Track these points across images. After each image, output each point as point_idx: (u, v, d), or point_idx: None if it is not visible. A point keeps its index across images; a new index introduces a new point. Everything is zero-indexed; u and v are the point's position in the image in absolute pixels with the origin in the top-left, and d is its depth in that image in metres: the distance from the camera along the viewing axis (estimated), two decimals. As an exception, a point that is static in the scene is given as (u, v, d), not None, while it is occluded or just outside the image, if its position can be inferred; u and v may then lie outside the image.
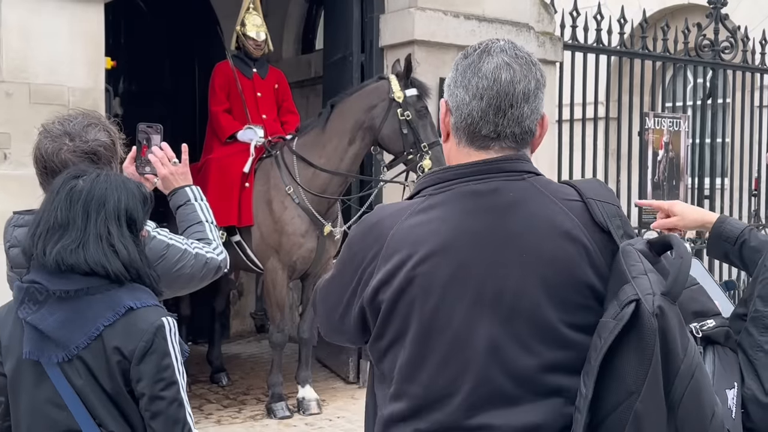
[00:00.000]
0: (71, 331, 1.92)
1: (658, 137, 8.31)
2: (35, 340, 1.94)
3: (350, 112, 5.45)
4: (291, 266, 5.60)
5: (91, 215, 1.97)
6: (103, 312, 1.93)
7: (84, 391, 1.93)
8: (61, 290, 1.93)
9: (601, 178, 8.14)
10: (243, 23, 6.17)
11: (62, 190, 1.99)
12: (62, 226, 1.95)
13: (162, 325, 1.95)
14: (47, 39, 4.79)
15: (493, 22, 6.58)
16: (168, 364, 1.95)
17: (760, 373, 1.63)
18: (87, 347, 1.92)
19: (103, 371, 1.93)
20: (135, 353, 1.92)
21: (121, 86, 8.16)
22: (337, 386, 6.47)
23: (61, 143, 2.26)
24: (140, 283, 2.01)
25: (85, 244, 1.94)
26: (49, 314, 1.93)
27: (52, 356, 1.93)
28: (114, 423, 1.95)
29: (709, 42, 8.71)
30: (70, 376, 1.93)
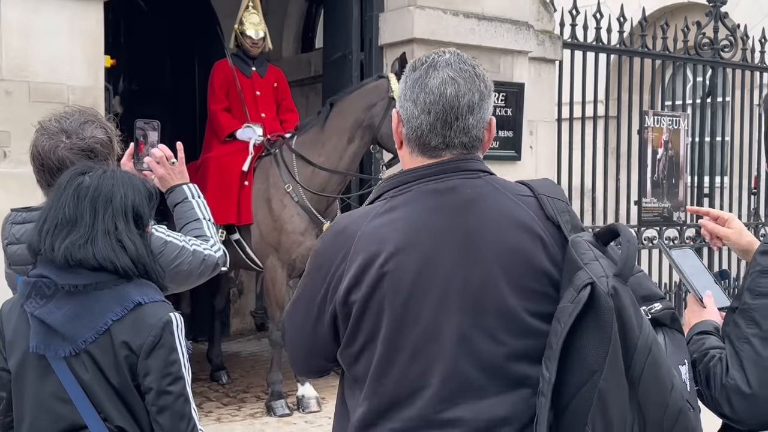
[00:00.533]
0: (79, 325, 1.93)
1: (658, 136, 8.32)
2: (42, 334, 1.95)
3: (350, 110, 5.46)
4: (290, 264, 5.61)
5: (99, 211, 1.98)
6: (111, 307, 1.94)
7: (90, 386, 1.95)
8: (70, 285, 1.94)
9: (601, 176, 8.16)
10: (242, 22, 6.17)
11: (69, 187, 2.00)
12: (70, 222, 1.97)
13: (170, 320, 1.98)
14: (47, 37, 4.80)
15: (493, 20, 6.59)
16: (175, 359, 1.97)
17: (744, 364, 1.66)
18: (94, 342, 1.94)
19: (110, 365, 1.94)
20: (143, 348, 1.94)
21: (121, 85, 8.17)
22: (336, 384, 6.44)
23: (58, 140, 2.27)
24: (147, 278, 2.03)
25: (94, 240, 1.96)
26: (56, 308, 1.94)
27: (59, 350, 1.94)
28: (120, 417, 1.96)
29: (708, 40, 8.72)
30: (76, 370, 1.95)
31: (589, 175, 8.20)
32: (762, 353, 1.65)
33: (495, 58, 6.65)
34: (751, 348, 1.66)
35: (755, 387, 1.65)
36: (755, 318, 1.68)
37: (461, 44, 6.42)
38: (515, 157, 6.78)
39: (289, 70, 8.09)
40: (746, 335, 1.67)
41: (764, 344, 1.65)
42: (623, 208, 8.36)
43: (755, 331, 1.67)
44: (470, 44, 6.47)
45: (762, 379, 1.65)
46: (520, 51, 6.77)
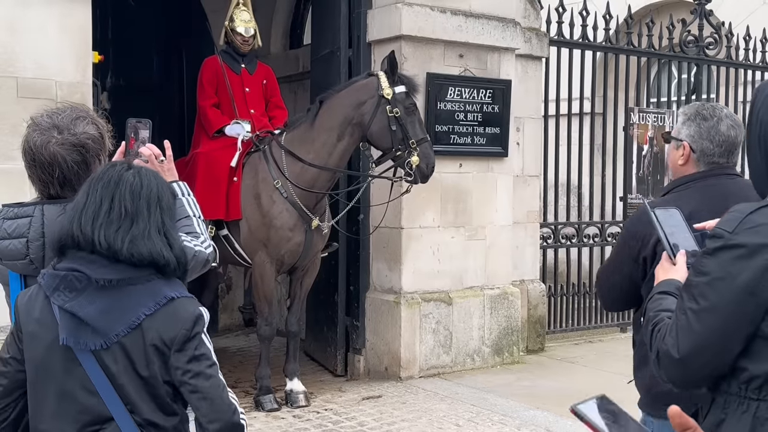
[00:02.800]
0: (112, 319, 1.96)
1: (643, 132, 8.39)
2: (72, 327, 1.97)
3: (339, 108, 5.48)
4: (279, 260, 5.63)
5: (152, 208, 2.04)
6: (144, 301, 1.97)
7: (119, 378, 1.97)
8: (104, 279, 1.96)
9: (586, 172, 8.22)
10: (232, 18, 6.18)
11: (122, 183, 2.03)
12: (129, 216, 2.01)
13: (200, 314, 2.02)
14: (35, 33, 4.81)
15: (480, 17, 6.63)
16: (206, 351, 2.00)
17: (678, 332, 1.78)
18: (126, 335, 1.96)
19: (140, 358, 1.97)
20: (176, 340, 1.96)
21: (109, 81, 8.15)
22: (324, 379, 6.52)
23: (50, 136, 2.28)
24: (184, 274, 2.07)
25: (149, 236, 2.00)
26: (88, 302, 1.96)
27: (89, 343, 1.96)
28: (149, 410, 1.98)
29: (693, 38, 8.79)
30: (105, 362, 1.97)
31: (576, 172, 8.27)
32: (695, 327, 1.76)
33: (482, 55, 6.70)
34: (686, 319, 1.78)
35: (684, 355, 1.77)
36: (694, 294, 1.78)
37: (449, 41, 6.48)
38: (502, 154, 6.83)
39: (277, 67, 8.09)
40: (685, 308, 1.79)
41: (698, 319, 1.76)
42: (609, 204, 8.43)
43: (692, 306, 1.77)
44: (457, 41, 6.52)
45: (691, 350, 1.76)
46: (507, 48, 6.81)
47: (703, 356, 1.76)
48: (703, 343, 1.75)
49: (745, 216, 1.75)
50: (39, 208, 2.31)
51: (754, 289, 1.70)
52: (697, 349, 1.76)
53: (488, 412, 5.52)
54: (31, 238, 2.28)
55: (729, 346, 1.74)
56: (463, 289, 6.67)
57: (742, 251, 1.72)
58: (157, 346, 1.96)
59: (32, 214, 2.30)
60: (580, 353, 7.42)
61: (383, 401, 5.80)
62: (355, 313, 6.61)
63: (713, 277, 1.75)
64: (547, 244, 7.91)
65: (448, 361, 6.53)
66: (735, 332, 1.72)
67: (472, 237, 6.71)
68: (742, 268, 1.71)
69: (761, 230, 1.72)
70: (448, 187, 6.55)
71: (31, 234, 2.28)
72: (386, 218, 6.02)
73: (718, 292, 1.74)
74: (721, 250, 1.75)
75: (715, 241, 1.78)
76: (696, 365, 1.77)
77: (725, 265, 1.74)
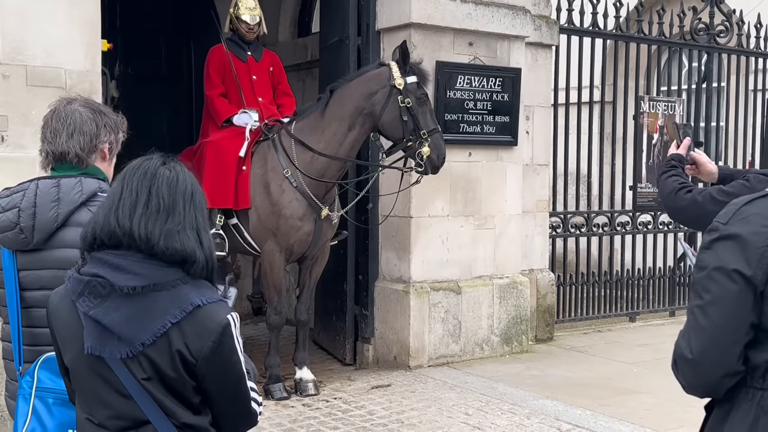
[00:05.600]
0: (137, 327, 1.90)
1: (653, 121, 8.34)
2: (97, 335, 1.93)
3: (350, 98, 5.45)
4: (288, 249, 5.61)
5: (186, 204, 2.00)
6: (169, 309, 1.91)
7: (147, 385, 1.93)
8: (128, 287, 1.91)
9: (596, 161, 8.19)
10: (237, 6, 6.14)
11: (158, 176, 2.00)
12: (167, 210, 1.97)
13: (228, 323, 1.95)
14: (44, 21, 4.78)
15: (490, 5, 6.58)
16: (235, 360, 1.96)
17: (690, 333, 1.79)
18: (152, 344, 1.91)
19: (167, 364, 1.92)
20: (203, 352, 1.91)
21: (117, 69, 8.14)
22: (333, 368, 6.52)
23: (75, 101, 2.49)
24: (212, 274, 2.02)
25: (182, 231, 1.97)
26: (113, 309, 1.91)
27: (115, 352, 1.91)
28: (179, 412, 1.96)
29: (704, 26, 8.73)
30: (132, 370, 1.93)
31: (585, 160, 8.24)
32: (702, 323, 1.76)
33: (492, 43, 6.66)
34: (693, 318, 1.78)
35: (696, 354, 1.76)
36: (697, 290, 1.80)
37: (458, 29, 6.44)
38: (511, 142, 6.80)
39: (285, 55, 8.06)
40: (692, 307, 1.80)
41: (704, 314, 1.76)
42: (618, 194, 8.39)
43: (698, 302, 1.78)
44: (467, 29, 6.48)
45: (703, 347, 1.76)
46: (517, 36, 6.77)
47: (713, 353, 1.75)
48: (711, 338, 1.75)
49: (739, 207, 1.78)
50: (34, 183, 2.39)
51: (751, 275, 1.72)
52: (708, 347, 1.75)
53: (497, 401, 5.52)
54: (22, 207, 2.34)
55: (735, 337, 1.74)
56: (472, 279, 6.65)
57: (737, 240, 1.74)
58: (183, 355, 1.92)
59: (27, 188, 2.39)
60: (590, 342, 7.41)
61: (392, 390, 5.80)
62: (364, 302, 6.60)
63: (711, 268, 1.76)
64: (556, 234, 7.88)
65: (457, 351, 6.52)
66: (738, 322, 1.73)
67: (482, 226, 6.69)
68: (737, 256, 1.73)
69: (753, 219, 1.75)
70: (458, 176, 6.52)
71: (23, 203, 2.34)
72: (395, 207, 6.00)
73: (717, 282, 1.75)
74: (716, 242, 1.78)
75: (711, 234, 1.80)
76: (709, 364, 1.76)
77: (721, 255, 1.75)
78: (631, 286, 8.44)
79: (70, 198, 2.35)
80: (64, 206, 2.34)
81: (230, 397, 1.99)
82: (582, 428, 5.03)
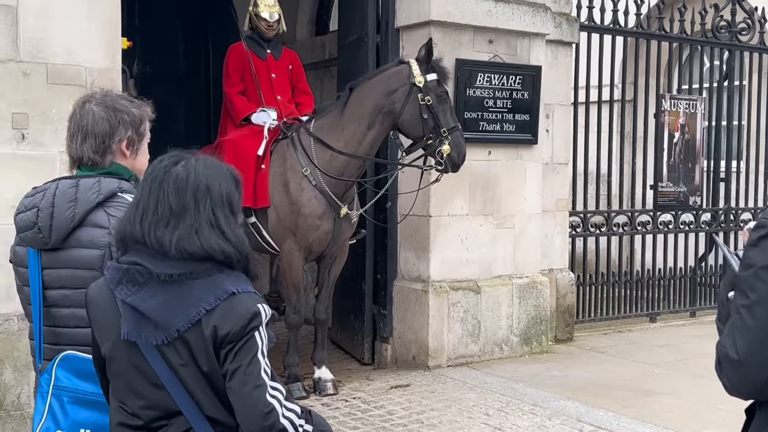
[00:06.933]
0: (173, 314, 1.93)
1: (674, 119, 8.26)
2: (134, 322, 1.95)
3: (370, 96, 5.41)
4: (307, 248, 5.59)
5: (200, 202, 1.98)
6: (205, 296, 1.93)
7: (182, 373, 1.94)
8: (165, 274, 1.93)
9: (616, 160, 8.11)
10: (256, 4, 6.12)
11: (167, 179, 1.99)
12: (175, 214, 1.96)
13: (258, 312, 1.96)
14: (64, 19, 4.77)
15: (510, 2, 6.53)
16: (255, 350, 1.95)
17: (735, 333, 1.72)
18: (188, 330, 1.93)
19: (201, 353, 1.93)
20: (228, 336, 1.92)
21: (136, 67, 8.15)
22: (352, 367, 6.49)
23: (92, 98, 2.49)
24: (246, 266, 2.02)
25: (199, 231, 1.96)
26: (150, 296, 1.94)
27: (151, 338, 1.93)
28: (211, 407, 1.96)
29: (726, 23, 8.64)
30: (168, 357, 1.94)
31: (605, 159, 8.16)
32: (748, 322, 1.71)
33: (512, 41, 6.60)
34: (739, 317, 1.72)
35: (742, 354, 1.70)
36: (743, 289, 1.73)
37: (478, 26, 6.39)
38: (531, 141, 6.74)
39: (303, 53, 8.03)
40: (737, 306, 1.74)
41: (750, 314, 1.71)
42: (639, 193, 8.32)
43: (744, 302, 1.72)
44: (487, 26, 6.43)
45: (748, 347, 1.70)
46: (537, 33, 6.71)
47: (760, 354, 1.69)
48: (758, 338, 1.69)
49: None
50: (55, 183, 2.41)
51: None
52: (754, 347, 1.69)
53: (518, 402, 5.47)
54: (41, 206, 2.35)
55: None
56: (492, 278, 6.60)
57: None
58: (214, 342, 1.93)
59: (48, 188, 2.40)
60: (610, 343, 7.34)
61: (411, 390, 5.76)
62: (382, 301, 6.57)
63: (759, 266, 1.70)
64: (576, 233, 7.82)
65: (476, 350, 6.47)
66: None
67: (501, 225, 6.64)
68: None
69: None
70: (477, 174, 6.48)
71: (42, 203, 2.36)
72: (414, 206, 5.96)
73: (765, 281, 1.69)
74: (764, 239, 1.71)
75: (759, 231, 1.73)
76: (755, 364, 1.70)
77: None
78: (651, 287, 8.36)
79: (87, 198, 2.35)
80: (80, 206, 2.34)
81: (240, 390, 1.94)
82: (604, 430, 4.98)
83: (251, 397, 1.93)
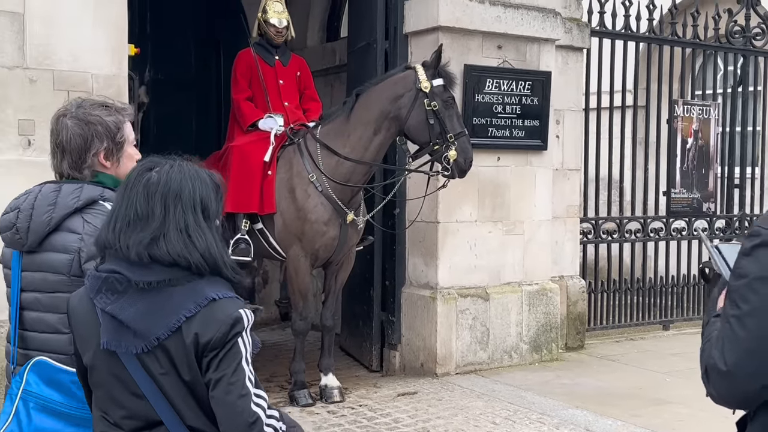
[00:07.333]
0: (152, 322, 1.90)
1: (688, 125, 8.19)
2: (113, 331, 1.93)
3: (376, 101, 5.40)
4: (314, 254, 5.57)
5: (170, 207, 1.95)
6: (184, 303, 1.91)
7: (163, 382, 1.92)
8: (143, 281, 1.91)
9: (628, 166, 8.04)
10: (265, 10, 6.12)
11: (137, 184, 1.98)
12: (142, 218, 1.94)
13: (240, 317, 1.92)
14: (71, 26, 4.80)
15: (519, 8, 6.49)
16: (239, 357, 1.92)
17: (724, 343, 1.68)
18: (168, 338, 1.90)
19: (182, 361, 1.91)
20: (211, 342, 1.89)
21: (148, 74, 8.18)
22: (360, 374, 6.46)
23: (68, 111, 2.46)
24: (218, 274, 1.98)
25: (166, 236, 1.93)
26: (129, 305, 1.92)
27: (131, 347, 1.91)
28: (193, 416, 1.93)
29: (740, 28, 8.56)
30: (149, 366, 1.92)
31: (617, 165, 8.10)
32: (739, 333, 1.66)
33: (521, 47, 6.57)
34: (729, 327, 1.67)
35: (731, 365, 1.66)
36: (734, 299, 1.68)
37: (487, 32, 6.36)
38: (541, 147, 6.70)
39: (314, 60, 8.05)
40: (727, 316, 1.69)
41: (741, 325, 1.66)
42: (651, 199, 8.25)
43: (735, 312, 1.67)
44: (496, 32, 6.40)
45: (738, 358, 1.66)
46: (546, 39, 6.67)
47: (749, 365, 1.65)
48: (748, 350, 1.65)
49: None
50: (39, 186, 2.42)
51: None
52: (743, 358, 1.65)
53: (526, 411, 5.42)
54: (22, 208, 2.37)
55: None
56: (501, 285, 6.56)
57: None
58: (196, 350, 1.90)
59: (33, 191, 2.42)
60: (622, 351, 7.27)
61: (418, 398, 5.72)
62: (390, 308, 6.54)
63: (753, 277, 1.65)
64: (587, 240, 7.75)
65: (485, 358, 6.43)
66: None
67: (510, 232, 6.60)
68: None
69: None
70: (486, 181, 6.44)
71: (24, 205, 2.38)
72: (422, 212, 5.94)
73: (758, 293, 1.64)
74: (758, 248, 1.66)
75: (753, 240, 1.68)
76: (743, 376, 1.66)
77: (764, 263, 1.63)
78: (664, 294, 8.28)
79: (65, 203, 2.36)
80: (58, 211, 2.35)
81: (223, 399, 1.91)
82: (612, 439, 4.93)
83: (236, 406, 1.90)
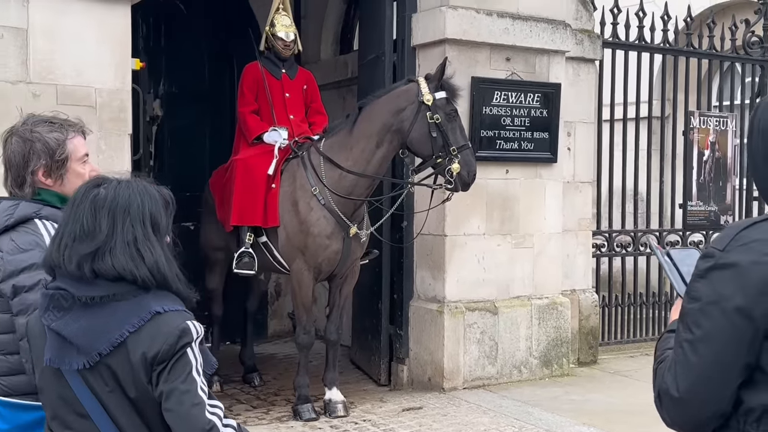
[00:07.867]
0: (95, 337, 1.89)
1: (704, 137, 8.07)
2: (57, 348, 1.91)
3: (378, 114, 5.38)
4: (317, 267, 5.55)
5: (117, 221, 1.94)
6: (128, 318, 1.89)
7: (107, 400, 1.90)
8: (87, 296, 1.90)
9: (643, 178, 7.94)
10: (272, 24, 6.16)
11: (84, 200, 1.97)
12: (88, 234, 1.93)
13: (187, 328, 1.91)
14: (74, 41, 4.83)
15: (528, 20, 6.45)
16: (189, 368, 1.90)
17: (677, 368, 1.62)
18: (111, 354, 1.88)
19: (128, 378, 1.89)
20: (158, 356, 1.88)
21: (162, 88, 8.23)
22: (368, 388, 6.42)
23: (16, 130, 2.47)
24: (166, 288, 1.97)
25: (113, 250, 1.92)
26: (73, 321, 1.91)
27: (73, 363, 1.89)
28: None
29: (757, 39, 8.45)
30: (92, 384, 1.90)
31: (632, 177, 8.00)
32: (691, 359, 1.60)
33: (530, 58, 6.52)
34: (682, 352, 1.61)
35: (683, 392, 1.61)
36: (688, 323, 1.62)
37: (495, 44, 6.33)
38: (550, 159, 6.63)
39: (327, 72, 8.06)
40: (681, 340, 1.63)
41: (693, 350, 1.60)
42: (667, 212, 8.13)
43: (688, 336, 1.61)
44: (504, 44, 6.36)
45: (690, 385, 1.60)
46: (556, 51, 6.62)
47: (701, 392, 1.60)
48: (701, 376, 1.59)
49: (738, 232, 1.58)
50: None
51: (749, 312, 1.54)
52: (695, 385, 1.60)
53: (532, 427, 5.34)
54: None
55: (727, 378, 1.58)
56: (510, 299, 6.49)
57: (734, 271, 1.55)
58: (145, 366, 1.88)
59: None
60: (635, 366, 7.14)
61: (423, 413, 5.66)
62: (398, 321, 6.49)
63: (705, 301, 1.59)
64: (600, 253, 7.65)
65: (493, 373, 6.36)
66: (732, 362, 1.57)
67: (520, 245, 6.53)
68: (735, 290, 1.54)
69: (755, 247, 1.55)
70: (494, 193, 6.39)
71: None
72: (430, 225, 5.90)
73: (711, 318, 1.58)
74: (712, 271, 1.59)
75: (707, 261, 1.61)
76: (696, 403, 1.61)
77: (717, 287, 1.57)
78: (681, 308, 8.13)
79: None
80: None
81: (177, 409, 1.88)
82: (617, 457, 4.83)
83: (190, 415, 1.87)
